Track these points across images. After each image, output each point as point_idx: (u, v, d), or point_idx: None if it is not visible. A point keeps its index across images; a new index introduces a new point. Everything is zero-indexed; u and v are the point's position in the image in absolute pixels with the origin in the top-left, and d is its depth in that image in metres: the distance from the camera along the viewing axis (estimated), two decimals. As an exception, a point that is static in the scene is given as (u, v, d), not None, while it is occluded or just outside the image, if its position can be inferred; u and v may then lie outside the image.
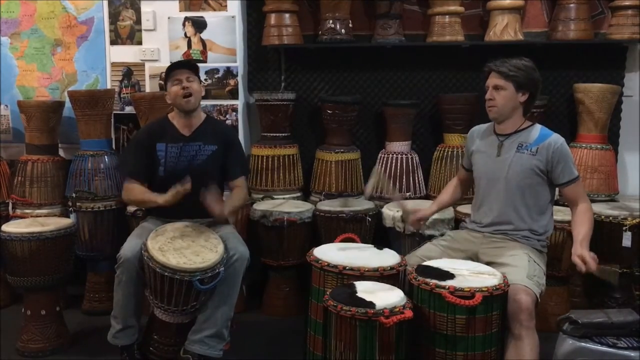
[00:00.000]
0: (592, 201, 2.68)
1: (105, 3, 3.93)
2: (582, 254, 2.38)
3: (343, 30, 3.81)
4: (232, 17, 3.87)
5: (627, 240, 3.25)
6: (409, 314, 2.07)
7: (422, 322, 2.24)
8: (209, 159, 2.96)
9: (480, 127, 2.85)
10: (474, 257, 2.64)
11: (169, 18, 3.89)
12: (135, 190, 2.92)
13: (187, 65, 3.00)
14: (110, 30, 3.95)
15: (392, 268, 2.39)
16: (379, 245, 2.66)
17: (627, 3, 3.63)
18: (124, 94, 3.98)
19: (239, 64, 3.92)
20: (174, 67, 2.98)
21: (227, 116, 3.93)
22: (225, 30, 3.88)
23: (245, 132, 4.04)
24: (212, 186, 2.76)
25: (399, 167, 3.82)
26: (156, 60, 3.93)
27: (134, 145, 3.07)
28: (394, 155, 3.85)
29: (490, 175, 2.67)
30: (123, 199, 3.08)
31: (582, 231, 2.48)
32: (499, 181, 2.64)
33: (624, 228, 3.26)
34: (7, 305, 3.75)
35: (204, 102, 3.52)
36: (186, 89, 2.90)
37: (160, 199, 2.76)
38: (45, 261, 3.07)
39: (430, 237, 3.16)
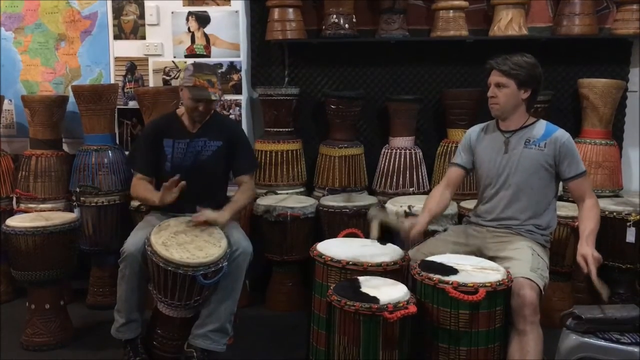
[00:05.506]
0: (596, 197, 2.66)
1: (109, -2, 3.94)
2: (585, 254, 2.37)
3: (347, 25, 3.79)
4: (236, 11, 3.86)
5: (630, 236, 3.25)
6: (412, 309, 2.07)
7: (425, 317, 2.24)
8: (214, 155, 2.96)
9: (478, 126, 2.83)
10: (478, 252, 2.63)
11: (172, 13, 3.89)
12: (140, 187, 2.95)
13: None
14: (114, 25, 3.95)
15: (395, 263, 2.39)
16: (383, 241, 2.65)
17: (632, -2, 3.62)
18: (127, 88, 3.98)
19: (242, 58, 3.91)
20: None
21: (231, 111, 3.93)
22: (229, 25, 3.87)
23: (248, 127, 4.04)
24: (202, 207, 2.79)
25: (402, 163, 3.81)
26: (159, 55, 3.93)
27: (142, 140, 3.08)
28: (398, 150, 3.84)
29: (498, 171, 2.66)
30: (131, 194, 3.11)
31: (588, 227, 2.48)
32: (507, 177, 2.63)
33: (628, 224, 3.25)
34: (11, 300, 3.76)
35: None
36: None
37: (156, 197, 2.79)
38: (49, 255, 3.08)
39: (433, 233, 3.16)
